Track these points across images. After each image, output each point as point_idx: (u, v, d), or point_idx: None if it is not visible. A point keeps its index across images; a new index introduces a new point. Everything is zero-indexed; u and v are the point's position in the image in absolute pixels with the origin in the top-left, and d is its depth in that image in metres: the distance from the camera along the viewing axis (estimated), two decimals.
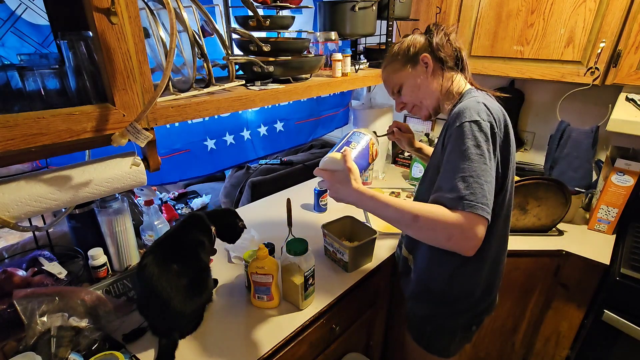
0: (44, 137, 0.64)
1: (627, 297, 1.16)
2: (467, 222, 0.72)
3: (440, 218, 0.73)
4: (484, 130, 0.74)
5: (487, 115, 0.76)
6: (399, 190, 1.73)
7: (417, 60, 0.90)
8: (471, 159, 0.73)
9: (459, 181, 0.73)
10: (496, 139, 0.76)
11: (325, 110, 2.12)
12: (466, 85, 0.91)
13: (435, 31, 0.90)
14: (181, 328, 0.93)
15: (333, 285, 1.13)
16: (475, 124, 0.74)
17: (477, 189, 0.72)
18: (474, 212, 0.71)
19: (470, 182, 0.72)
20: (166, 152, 1.43)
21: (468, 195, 0.72)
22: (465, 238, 0.73)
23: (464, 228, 0.72)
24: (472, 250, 0.74)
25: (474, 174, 0.72)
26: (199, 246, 0.98)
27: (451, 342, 1.00)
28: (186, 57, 0.91)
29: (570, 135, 1.50)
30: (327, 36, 1.38)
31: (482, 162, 0.73)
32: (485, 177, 0.72)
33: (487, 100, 0.80)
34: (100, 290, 0.99)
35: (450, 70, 0.90)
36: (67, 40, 0.71)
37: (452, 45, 0.89)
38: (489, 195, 0.73)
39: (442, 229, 0.73)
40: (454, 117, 0.79)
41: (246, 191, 1.94)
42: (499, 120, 0.78)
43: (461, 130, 0.75)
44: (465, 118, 0.75)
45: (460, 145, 0.75)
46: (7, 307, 0.85)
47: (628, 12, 1.20)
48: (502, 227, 0.89)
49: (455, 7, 1.54)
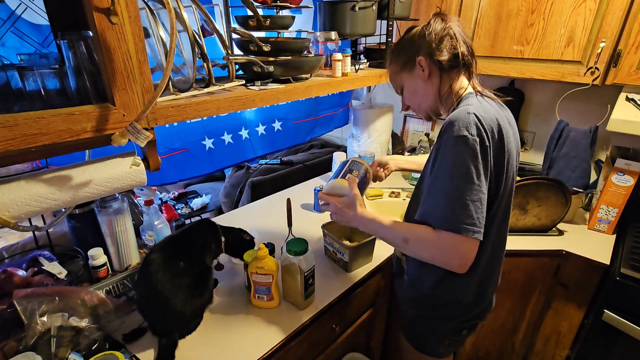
0: (44, 137, 0.64)
1: (627, 297, 1.16)
2: (451, 243, 0.74)
3: (426, 240, 0.77)
4: (472, 146, 0.71)
5: (476, 129, 0.72)
6: (399, 190, 1.73)
7: (413, 63, 0.86)
8: (458, 177, 0.73)
9: (443, 200, 0.74)
10: (486, 152, 0.73)
11: (324, 110, 2.12)
12: (467, 88, 0.86)
13: (434, 24, 0.83)
14: (181, 328, 0.93)
15: (333, 285, 1.13)
16: (461, 140, 0.72)
17: (463, 209, 0.72)
18: (461, 234, 0.72)
19: (457, 202, 0.72)
20: (165, 151, 1.43)
21: (454, 216, 0.72)
22: (450, 258, 0.76)
23: (446, 249, 0.75)
24: (462, 268, 0.77)
25: (461, 195, 0.72)
26: (207, 249, 1.00)
27: (440, 344, 0.99)
28: (186, 57, 0.91)
29: (569, 135, 1.50)
30: (327, 36, 1.38)
31: (468, 181, 0.72)
32: (470, 196, 0.72)
33: (480, 109, 0.76)
34: (100, 290, 0.99)
35: (450, 72, 0.84)
36: (67, 40, 0.71)
37: (452, 41, 0.82)
38: (477, 214, 0.72)
39: (429, 251, 0.78)
40: (444, 127, 0.76)
41: (246, 191, 1.94)
42: (491, 130, 0.74)
43: (449, 145, 0.74)
44: (453, 132, 0.73)
45: (448, 161, 0.74)
46: (7, 307, 0.84)
47: (628, 12, 1.20)
48: (495, 235, 0.86)
49: (455, 7, 1.54)
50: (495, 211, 0.82)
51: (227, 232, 1.08)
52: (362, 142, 1.81)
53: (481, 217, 0.73)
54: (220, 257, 1.25)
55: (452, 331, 0.97)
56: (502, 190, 0.81)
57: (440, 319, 0.96)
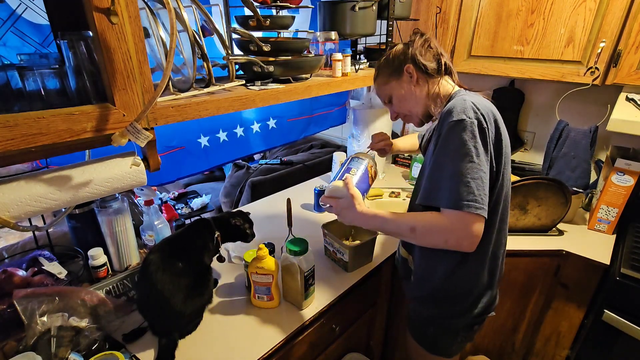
0: (44, 137, 0.64)
1: (627, 297, 1.16)
2: (460, 222, 0.76)
3: (434, 224, 0.79)
4: (470, 128, 0.75)
5: (473, 113, 0.76)
6: (399, 190, 1.73)
7: (401, 71, 0.92)
8: (458, 158, 0.76)
9: (447, 181, 0.76)
10: (486, 133, 0.77)
11: (319, 109, 2.13)
12: (454, 88, 0.92)
13: (415, 39, 0.92)
14: (181, 328, 0.93)
15: (333, 285, 1.13)
16: (460, 123, 0.75)
17: (464, 187, 0.74)
18: (464, 210, 0.74)
19: (458, 181, 0.75)
20: (161, 149, 1.43)
21: (457, 194, 0.75)
22: (460, 237, 0.77)
23: (456, 228, 0.76)
24: (471, 247, 0.78)
25: (461, 173, 0.75)
26: (204, 249, 1.00)
27: (454, 342, 1.01)
28: (186, 57, 0.91)
29: (569, 135, 1.50)
30: (327, 36, 1.38)
31: (467, 161, 0.75)
32: (472, 175, 0.74)
33: (474, 98, 0.81)
34: (100, 290, 0.99)
35: (436, 76, 0.91)
36: (67, 40, 0.71)
37: (433, 51, 0.90)
38: (479, 191, 0.75)
39: (438, 234, 0.79)
40: (442, 117, 0.81)
41: (246, 191, 1.94)
42: (487, 115, 0.78)
43: (448, 130, 0.77)
44: (452, 117, 0.77)
45: (447, 146, 0.77)
46: (7, 307, 0.85)
47: (628, 11, 1.20)
48: (499, 220, 0.89)
49: (455, 7, 1.53)
50: (497, 196, 0.85)
51: (219, 226, 1.06)
52: (362, 142, 1.81)
53: (483, 195, 0.75)
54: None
55: (465, 327, 0.98)
56: (501, 175, 0.84)
57: (454, 315, 0.97)
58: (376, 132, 1.22)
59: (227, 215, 1.11)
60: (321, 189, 1.54)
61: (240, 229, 1.09)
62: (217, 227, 1.05)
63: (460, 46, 1.57)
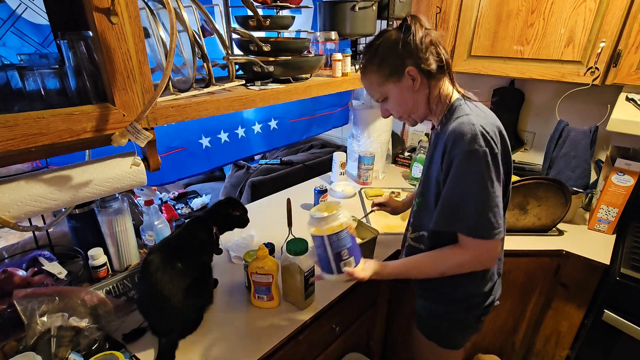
0: (44, 137, 0.64)
1: (627, 297, 1.16)
2: (484, 249, 0.82)
3: (461, 261, 0.85)
4: (484, 159, 0.76)
5: (483, 140, 0.75)
6: (399, 190, 1.73)
7: (402, 73, 0.83)
8: (476, 189, 0.78)
9: (467, 210, 0.79)
10: (497, 159, 0.78)
11: (321, 110, 2.12)
12: (454, 94, 0.87)
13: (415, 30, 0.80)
14: (181, 328, 0.93)
15: (333, 285, 1.13)
16: (475, 154, 0.76)
17: (485, 217, 0.78)
18: (486, 239, 0.80)
19: (480, 211, 0.78)
20: (163, 150, 1.43)
21: (479, 224, 0.79)
22: (485, 262, 0.86)
23: (481, 254, 0.83)
24: (493, 264, 0.89)
25: (481, 202, 0.78)
26: (202, 248, 1.00)
27: (465, 334, 1.03)
28: (186, 57, 0.91)
29: (569, 135, 1.50)
30: (327, 36, 1.38)
31: (485, 191, 0.77)
32: (490, 204, 0.78)
33: (480, 116, 0.79)
34: (100, 290, 0.99)
35: (437, 78, 0.85)
36: (67, 40, 0.71)
37: (434, 48, 0.82)
38: (497, 218, 0.79)
39: (468, 267, 0.87)
40: (451, 139, 0.78)
41: (246, 191, 1.94)
42: (494, 134, 0.78)
43: (462, 160, 0.77)
44: (464, 147, 0.76)
45: (463, 176, 0.79)
46: (7, 307, 0.85)
47: (628, 11, 1.20)
48: None
49: (455, 7, 1.53)
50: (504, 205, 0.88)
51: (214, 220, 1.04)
52: (362, 142, 1.81)
53: (500, 219, 0.80)
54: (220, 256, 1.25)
55: (475, 319, 1.00)
56: (509, 187, 0.89)
57: (466, 309, 0.98)
58: (376, 132, 1.23)
59: (218, 206, 1.08)
60: (321, 189, 1.54)
61: (235, 218, 1.08)
62: (212, 222, 1.03)
63: (460, 46, 1.57)
